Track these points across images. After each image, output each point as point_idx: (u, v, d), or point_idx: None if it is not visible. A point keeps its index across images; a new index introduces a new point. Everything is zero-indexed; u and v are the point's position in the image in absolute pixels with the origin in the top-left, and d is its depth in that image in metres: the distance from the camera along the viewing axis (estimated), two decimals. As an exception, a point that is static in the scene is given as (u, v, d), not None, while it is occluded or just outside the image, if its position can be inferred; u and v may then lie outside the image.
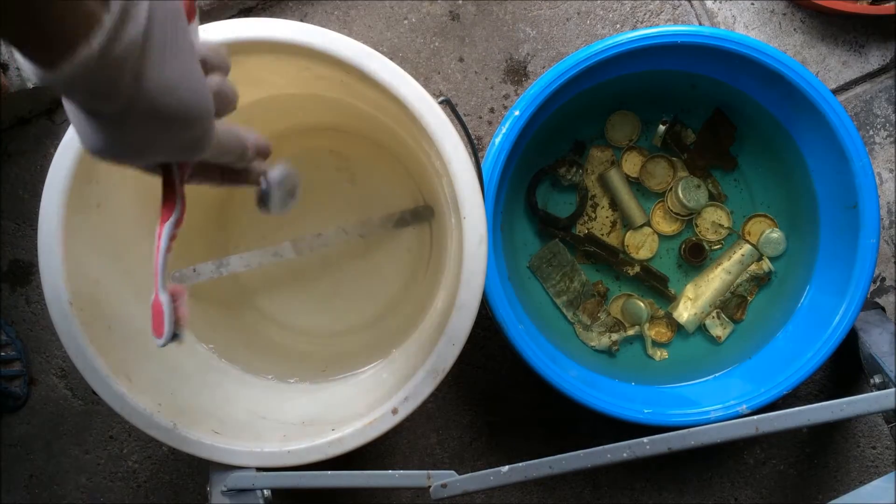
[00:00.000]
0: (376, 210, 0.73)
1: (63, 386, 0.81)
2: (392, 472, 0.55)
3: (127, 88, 0.27)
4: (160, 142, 0.31)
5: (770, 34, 0.79)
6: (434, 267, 0.73)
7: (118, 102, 0.28)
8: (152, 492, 0.81)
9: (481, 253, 0.53)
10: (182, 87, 0.30)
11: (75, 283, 0.57)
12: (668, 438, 0.52)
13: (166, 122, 0.30)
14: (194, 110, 0.31)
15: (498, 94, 0.79)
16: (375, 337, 0.74)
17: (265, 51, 0.55)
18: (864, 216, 0.65)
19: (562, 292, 0.75)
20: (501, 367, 0.79)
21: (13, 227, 0.81)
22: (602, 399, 0.67)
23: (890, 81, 0.79)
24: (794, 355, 0.69)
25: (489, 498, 0.80)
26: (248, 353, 0.71)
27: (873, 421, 0.79)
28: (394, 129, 0.67)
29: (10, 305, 0.82)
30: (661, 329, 0.76)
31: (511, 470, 0.53)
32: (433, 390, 0.54)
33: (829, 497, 0.79)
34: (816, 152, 0.71)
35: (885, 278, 0.79)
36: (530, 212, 0.76)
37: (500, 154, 0.67)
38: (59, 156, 0.56)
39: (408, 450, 0.79)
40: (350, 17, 0.79)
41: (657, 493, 0.79)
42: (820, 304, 0.71)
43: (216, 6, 0.76)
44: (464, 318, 0.53)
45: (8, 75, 0.76)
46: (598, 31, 0.79)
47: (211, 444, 0.57)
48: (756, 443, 0.79)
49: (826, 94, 0.65)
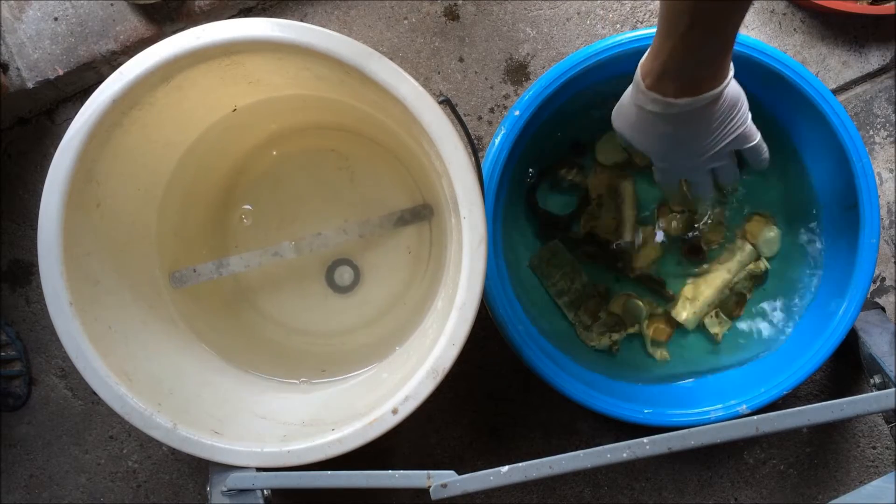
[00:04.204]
0: (376, 210, 0.73)
1: (63, 386, 0.81)
2: (392, 472, 0.55)
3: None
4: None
5: (770, 34, 0.79)
6: (434, 267, 0.73)
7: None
8: (152, 492, 0.81)
9: (481, 253, 0.53)
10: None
11: (75, 283, 0.57)
12: (668, 438, 0.52)
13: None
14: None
15: (498, 94, 0.79)
16: (375, 337, 0.74)
17: (265, 51, 0.55)
18: (864, 216, 0.65)
19: (562, 292, 0.75)
20: (501, 367, 0.79)
21: (13, 227, 0.81)
22: (602, 399, 0.67)
23: (890, 81, 0.79)
24: (794, 355, 0.69)
25: (489, 498, 0.80)
26: (248, 353, 0.71)
27: (873, 421, 0.79)
28: (394, 129, 0.67)
29: (10, 305, 0.82)
30: (660, 325, 0.75)
31: (511, 470, 0.53)
32: (433, 390, 0.54)
33: (829, 497, 0.79)
34: (816, 152, 0.71)
35: (885, 278, 0.79)
36: (530, 212, 0.76)
37: (500, 154, 0.67)
38: (59, 156, 0.56)
39: (408, 450, 0.79)
40: (350, 17, 0.79)
41: (657, 493, 0.79)
42: (820, 305, 0.71)
43: (216, 6, 0.76)
44: (464, 318, 0.53)
45: (8, 75, 0.76)
46: (598, 31, 0.79)
47: (211, 444, 0.57)
48: (756, 443, 0.79)
49: (826, 94, 0.65)
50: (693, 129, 0.55)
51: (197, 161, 0.69)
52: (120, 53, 0.76)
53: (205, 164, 0.71)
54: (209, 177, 0.73)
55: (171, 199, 0.69)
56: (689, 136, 0.56)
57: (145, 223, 0.67)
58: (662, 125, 0.55)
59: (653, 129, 0.56)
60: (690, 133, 0.55)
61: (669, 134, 0.55)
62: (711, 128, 0.55)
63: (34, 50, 0.75)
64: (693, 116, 0.53)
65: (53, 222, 0.56)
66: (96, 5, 0.76)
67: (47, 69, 0.76)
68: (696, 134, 0.56)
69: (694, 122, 0.54)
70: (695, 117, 0.53)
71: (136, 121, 0.59)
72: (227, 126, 0.69)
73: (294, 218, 0.75)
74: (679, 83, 0.50)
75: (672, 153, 0.59)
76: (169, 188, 0.68)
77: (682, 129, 0.55)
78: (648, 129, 0.56)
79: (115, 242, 0.63)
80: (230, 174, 0.74)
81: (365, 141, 0.74)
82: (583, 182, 0.75)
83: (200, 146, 0.69)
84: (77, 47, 0.76)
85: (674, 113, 0.52)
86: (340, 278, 0.75)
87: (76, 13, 0.76)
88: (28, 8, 0.75)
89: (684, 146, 0.57)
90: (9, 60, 0.76)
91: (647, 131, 0.57)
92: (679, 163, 0.60)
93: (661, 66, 0.50)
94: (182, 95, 0.60)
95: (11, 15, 0.75)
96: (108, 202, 0.61)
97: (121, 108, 0.57)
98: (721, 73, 0.51)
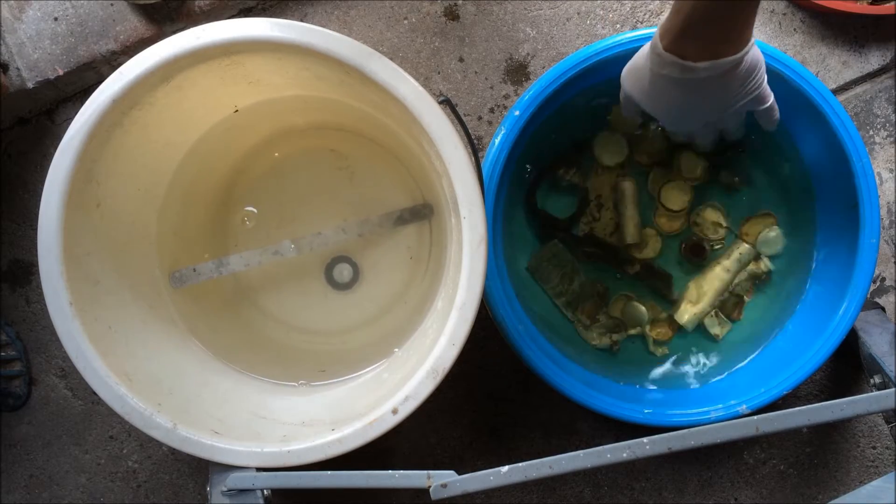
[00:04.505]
0: (376, 209, 0.73)
1: (63, 386, 0.81)
2: (392, 472, 0.55)
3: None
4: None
5: (770, 34, 0.79)
6: (434, 267, 0.73)
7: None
8: (152, 492, 0.81)
9: (481, 253, 0.53)
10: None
11: (75, 283, 0.57)
12: (668, 438, 0.52)
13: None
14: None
15: (498, 94, 0.79)
16: (375, 337, 0.74)
17: (265, 51, 0.55)
18: (864, 216, 0.65)
19: (561, 293, 0.75)
20: (501, 367, 0.79)
21: (13, 227, 0.81)
22: (602, 399, 0.67)
23: (890, 81, 0.79)
24: (794, 355, 0.69)
25: (489, 498, 0.80)
26: (248, 353, 0.71)
27: (873, 421, 0.79)
28: (394, 129, 0.67)
29: (10, 305, 0.82)
30: (661, 329, 0.76)
31: (511, 470, 0.53)
32: (433, 390, 0.54)
33: (829, 497, 0.79)
34: (816, 152, 0.71)
35: (885, 278, 0.79)
36: (530, 212, 0.76)
37: (500, 154, 0.67)
38: (59, 156, 0.56)
39: (408, 450, 0.79)
40: (350, 17, 0.79)
41: (657, 493, 0.79)
42: (820, 305, 0.71)
43: (216, 6, 0.76)
44: (464, 319, 0.53)
45: (8, 75, 0.76)
46: (598, 31, 0.79)
47: (211, 444, 0.57)
48: (756, 443, 0.79)
49: (826, 94, 0.65)
50: (710, 96, 0.53)
51: (197, 161, 0.69)
52: (120, 53, 0.76)
53: (205, 164, 0.71)
54: (209, 177, 0.73)
55: (171, 199, 0.69)
56: (705, 103, 0.54)
57: (145, 223, 0.67)
58: (678, 91, 0.52)
59: (667, 94, 0.54)
60: (707, 100, 0.54)
61: (685, 100, 0.53)
62: (728, 95, 0.53)
63: (34, 50, 0.76)
64: (711, 83, 0.51)
65: (53, 222, 0.56)
66: (96, 5, 0.76)
67: (47, 69, 0.76)
68: (712, 101, 0.54)
69: (711, 89, 0.52)
70: (713, 84, 0.51)
71: (136, 121, 0.59)
72: (228, 126, 0.69)
73: (294, 217, 0.75)
74: (701, 42, 0.48)
75: (685, 118, 0.57)
76: (169, 188, 0.69)
77: (699, 96, 0.53)
78: (662, 94, 0.54)
79: (115, 242, 0.63)
80: (230, 174, 0.74)
81: (365, 141, 0.74)
82: (583, 182, 0.75)
83: (200, 146, 0.69)
84: (77, 47, 0.76)
85: (692, 78, 0.50)
86: (340, 275, 0.75)
87: (76, 13, 0.76)
88: (28, 8, 0.75)
89: (698, 111, 0.55)
90: (9, 60, 0.76)
91: (659, 97, 0.55)
92: (690, 125, 0.59)
93: (683, 20, 0.47)
94: (182, 95, 0.60)
95: (11, 15, 0.75)
96: (108, 202, 0.61)
97: (121, 108, 0.57)
98: (744, 36, 0.49)
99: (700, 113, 0.56)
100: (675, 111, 0.56)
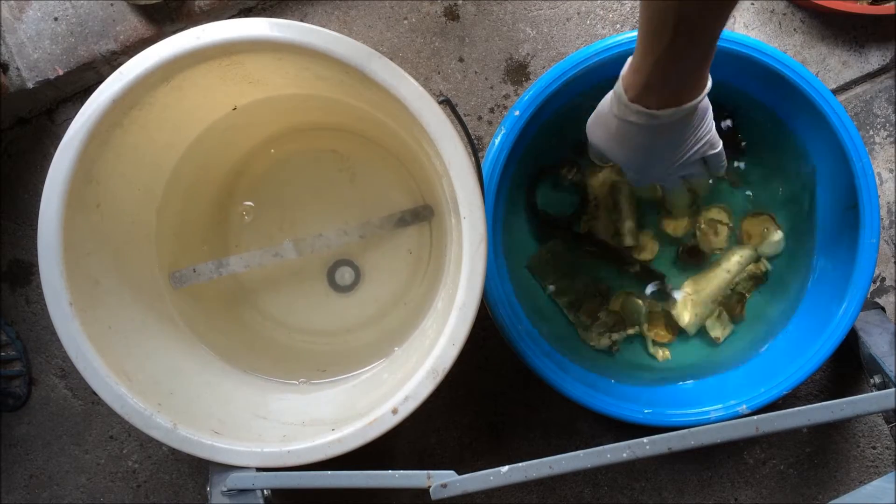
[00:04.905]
0: (376, 210, 0.73)
1: (63, 386, 0.81)
2: (392, 472, 0.55)
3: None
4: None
5: (770, 34, 0.79)
6: (434, 267, 0.73)
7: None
8: (152, 492, 0.81)
9: (481, 253, 0.53)
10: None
11: (75, 283, 0.57)
12: (668, 438, 0.52)
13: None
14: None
15: (498, 94, 0.79)
16: (375, 337, 0.74)
17: (265, 51, 0.55)
18: (864, 216, 0.65)
19: (562, 293, 0.75)
20: (501, 367, 0.79)
21: (13, 227, 0.81)
22: (602, 399, 0.67)
23: (890, 81, 0.79)
24: (794, 355, 0.69)
25: (489, 498, 0.80)
26: (249, 353, 0.71)
27: (873, 421, 0.79)
28: (394, 129, 0.67)
29: (10, 305, 0.82)
30: (660, 331, 0.76)
31: (511, 470, 0.53)
32: (433, 390, 0.54)
33: (829, 497, 0.79)
34: (816, 152, 0.71)
35: (885, 278, 0.79)
36: (530, 212, 0.75)
37: (500, 154, 0.67)
38: (59, 156, 0.56)
39: (408, 450, 0.79)
40: (350, 17, 0.79)
41: (657, 493, 0.79)
42: (820, 304, 0.71)
43: (216, 6, 0.76)
44: (464, 319, 0.53)
45: (8, 75, 0.76)
46: (598, 31, 0.79)
47: (211, 444, 0.57)
48: (756, 443, 0.79)
49: (826, 94, 0.65)
50: (671, 139, 0.57)
51: (197, 161, 0.69)
52: (120, 53, 0.76)
53: (205, 164, 0.71)
54: (209, 177, 0.73)
55: (170, 199, 0.69)
56: (666, 146, 0.57)
57: (145, 223, 0.67)
58: (642, 136, 0.56)
59: (631, 140, 0.57)
60: (668, 143, 0.57)
61: (647, 145, 0.57)
62: (687, 137, 0.57)
63: (34, 50, 0.76)
64: (673, 127, 0.55)
65: (53, 222, 0.56)
66: (96, 5, 0.76)
67: (47, 69, 0.76)
68: (673, 143, 0.57)
69: (673, 133, 0.56)
70: (674, 128, 0.55)
71: (135, 121, 0.59)
72: (228, 126, 0.69)
73: (294, 218, 0.75)
74: (662, 95, 0.51)
75: (648, 163, 0.60)
76: (169, 188, 0.68)
77: (661, 139, 0.56)
78: (627, 140, 0.57)
79: (115, 242, 0.63)
80: (230, 174, 0.74)
81: (365, 141, 0.74)
82: (582, 182, 0.75)
83: (200, 146, 0.69)
84: (77, 47, 0.76)
85: (656, 124, 0.53)
86: (341, 278, 0.75)
87: (76, 13, 0.76)
88: (28, 8, 0.75)
89: (660, 156, 0.59)
90: (9, 60, 0.76)
91: (624, 143, 0.58)
92: (653, 171, 0.62)
93: (644, 79, 0.51)
94: (182, 95, 0.60)
95: (11, 15, 0.75)
96: (108, 202, 0.61)
97: (121, 108, 0.57)
98: (701, 83, 0.52)
99: (662, 158, 0.59)
100: (641, 157, 0.59)
